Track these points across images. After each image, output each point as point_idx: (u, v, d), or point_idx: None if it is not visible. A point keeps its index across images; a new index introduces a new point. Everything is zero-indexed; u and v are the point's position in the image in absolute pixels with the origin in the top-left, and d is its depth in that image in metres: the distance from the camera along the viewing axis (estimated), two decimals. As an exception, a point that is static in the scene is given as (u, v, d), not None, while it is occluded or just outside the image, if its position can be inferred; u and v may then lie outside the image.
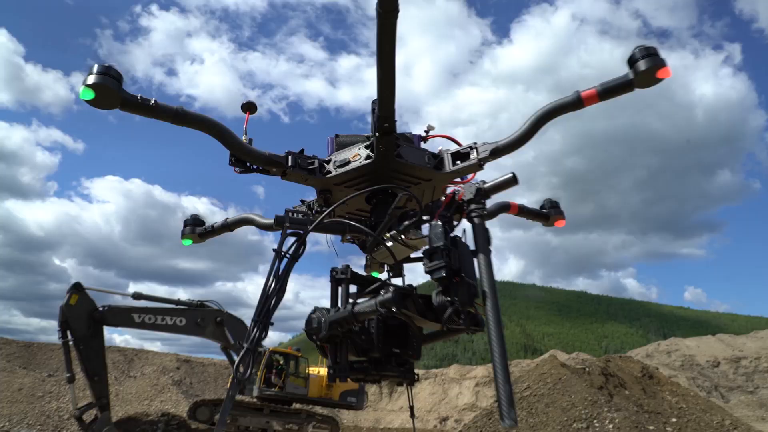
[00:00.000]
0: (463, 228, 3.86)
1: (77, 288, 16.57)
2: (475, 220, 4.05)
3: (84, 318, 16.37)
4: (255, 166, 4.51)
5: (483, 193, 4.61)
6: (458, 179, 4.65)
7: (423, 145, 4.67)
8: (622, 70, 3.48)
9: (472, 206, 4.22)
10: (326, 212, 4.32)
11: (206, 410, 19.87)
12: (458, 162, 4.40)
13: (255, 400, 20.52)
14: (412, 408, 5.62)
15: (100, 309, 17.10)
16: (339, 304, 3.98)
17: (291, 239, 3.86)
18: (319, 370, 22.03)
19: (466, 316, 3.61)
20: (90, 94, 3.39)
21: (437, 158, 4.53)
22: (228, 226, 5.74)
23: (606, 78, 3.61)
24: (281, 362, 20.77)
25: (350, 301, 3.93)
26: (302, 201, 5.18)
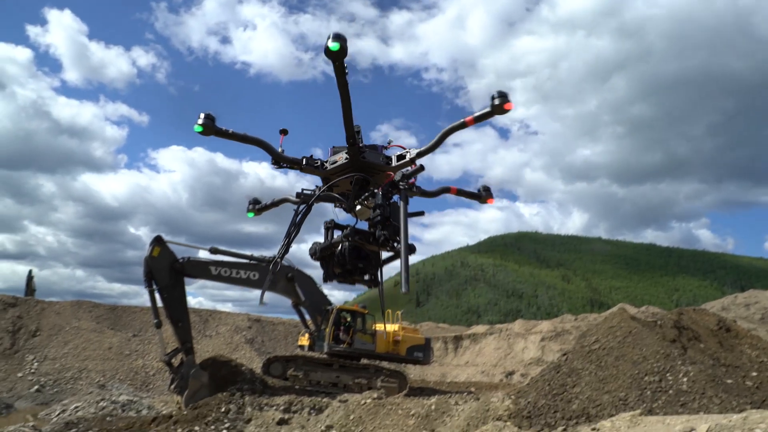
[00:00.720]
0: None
1: (159, 241, 17.80)
2: (401, 191, 8.07)
3: (166, 269, 17.57)
4: (285, 165, 9.67)
5: (404, 177, 9.13)
6: (407, 169, 9.48)
7: (387, 150, 9.48)
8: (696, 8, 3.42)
9: (400, 184, 8.70)
10: (323, 189, 9.75)
11: (279, 366, 20.75)
12: (400, 160, 9.28)
13: (325, 356, 21.23)
14: (382, 304, 14.87)
15: (180, 260, 18.07)
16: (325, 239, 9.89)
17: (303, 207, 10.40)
18: (385, 327, 22.51)
19: (392, 243, 8.65)
20: (200, 129, 9.52)
21: (388, 158, 8.75)
22: (275, 204, 12.40)
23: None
24: (348, 319, 21.31)
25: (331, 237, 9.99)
26: (317, 186, 10.32)
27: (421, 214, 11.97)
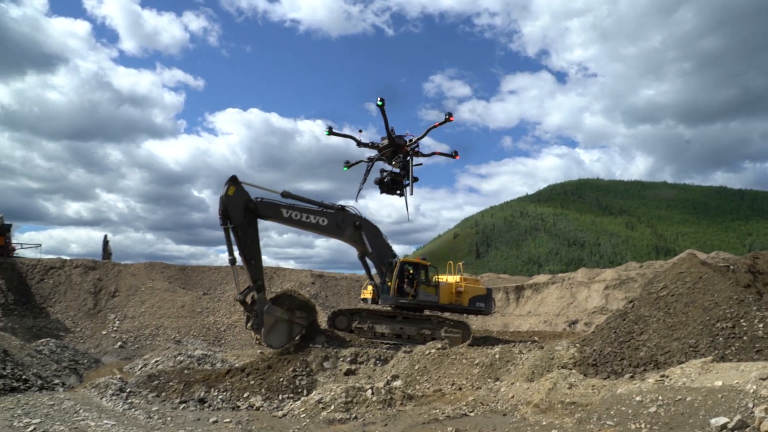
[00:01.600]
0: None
1: (234, 181, 18.23)
2: (409, 154, 19.59)
3: (240, 208, 18.04)
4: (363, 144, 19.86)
5: (412, 149, 19.65)
6: (415, 146, 20.05)
7: (408, 136, 19.93)
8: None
9: (409, 152, 19.58)
10: (378, 155, 20.24)
11: (344, 319, 21.31)
12: (410, 143, 19.67)
13: (389, 308, 21.59)
14: (408, 212, 27.08)
15: (254, 200, 18.55)
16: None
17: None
18: (447, 278, 22.61)
19: (401, 186, 19.99)
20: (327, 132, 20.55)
21: (406, 141, 19.73)
22: (357, 162, 21.50)
23: None
24: (412, 271, 21.49)
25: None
26: (374, 154, 20.70)
27: (454, 154, 21.81)
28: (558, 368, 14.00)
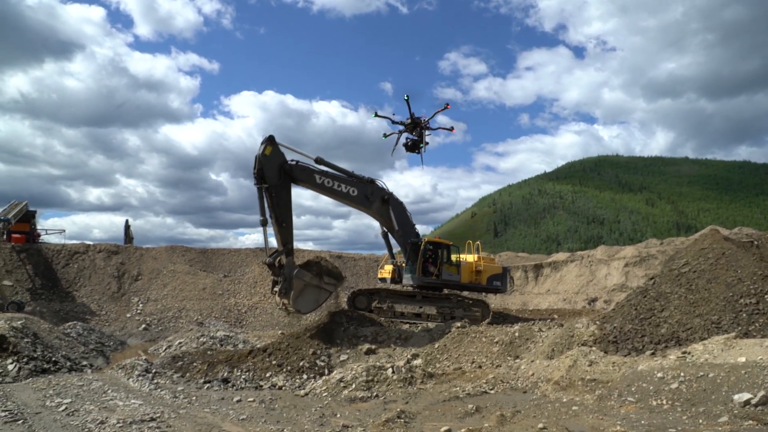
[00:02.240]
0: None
1: (271, 140, 17.81)
2: (423, 128, 22.28)
3: (276, 168, 17.66)
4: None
5: (425, 123, 22.43)
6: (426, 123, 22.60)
7: (424, 116, 22.57)
8: None
9: (423, 126, 22.29)
10: (404, 130, 22.56)
11: (363, 298, 21.45)
12: (427, 120, 22.41)
13: (411, 288, 21.67)
14: (422, 158, 23.24)
15: (290, 162, 18.21)
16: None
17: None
18: (466, 258, 22.63)
19: (419, 147, 22.42)
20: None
21: (423, 117, 22.48)
22: (391, 134, 23.35)
23: None
24: (436, 251, 21.59)
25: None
26: (399, 130, 22.74)
27: (449, 129, 23.39)
28: (578, 346, 13.99)
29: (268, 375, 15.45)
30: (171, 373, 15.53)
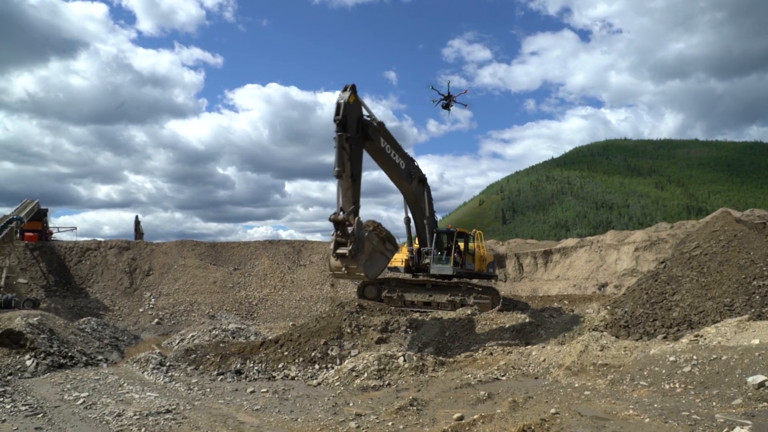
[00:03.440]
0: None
1: (354, 89, 16.50)
2: (451, 102, 25.83)
3: (355, 120, 16.36)
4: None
5: (452, 98, 25.85)
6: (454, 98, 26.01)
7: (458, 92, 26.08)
8: None
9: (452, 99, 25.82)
10: (441, 100, 26.02)
11: (373, 289, 21.53)
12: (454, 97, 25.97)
13: (420, 276, 21.71)
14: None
15: (366, 117, 17.01)
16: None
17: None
18: (475, 246, 22.72)
19: (449, 108, 26.32)
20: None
21: (452, 93, 25.80)
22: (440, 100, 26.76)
23: None
24: (464, 241, 22.05)
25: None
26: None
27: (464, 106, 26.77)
28: (589, 331, 13.99)
29: (280, 366, 15.56)
30: (185, 365, 15.67)
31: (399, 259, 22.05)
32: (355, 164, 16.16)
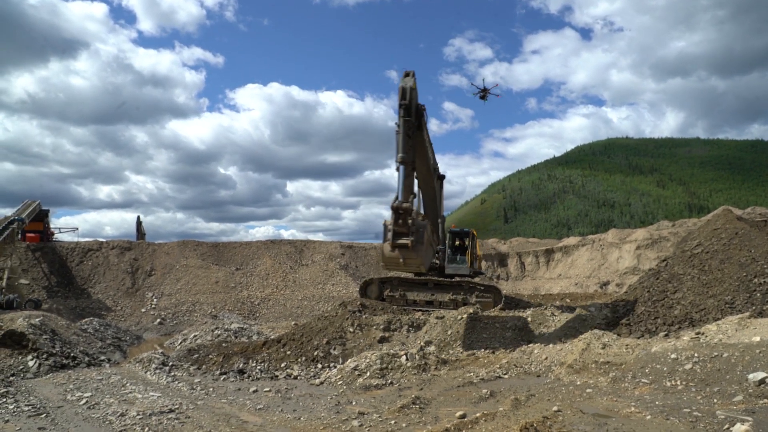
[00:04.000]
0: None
1: (414, 75, 15.56)
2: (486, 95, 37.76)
3: (414, 105, 15.43)
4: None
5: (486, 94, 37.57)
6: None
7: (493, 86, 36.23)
8: None
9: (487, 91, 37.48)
10: (479, 91, 38.77)
11: (375, 288, 21.59)
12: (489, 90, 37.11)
13: (426, 275, 21.80)
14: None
15: (420, 105, 16.06)
16: None
17: None
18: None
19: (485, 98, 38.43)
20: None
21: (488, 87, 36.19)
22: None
23: None
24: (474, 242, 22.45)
25: None
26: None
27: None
28: (591, 329, 14.00)
29: (283, 365, 15.59)
30: (187, 365, 15.71)
31: None
32: (414, 152, 15.53)
